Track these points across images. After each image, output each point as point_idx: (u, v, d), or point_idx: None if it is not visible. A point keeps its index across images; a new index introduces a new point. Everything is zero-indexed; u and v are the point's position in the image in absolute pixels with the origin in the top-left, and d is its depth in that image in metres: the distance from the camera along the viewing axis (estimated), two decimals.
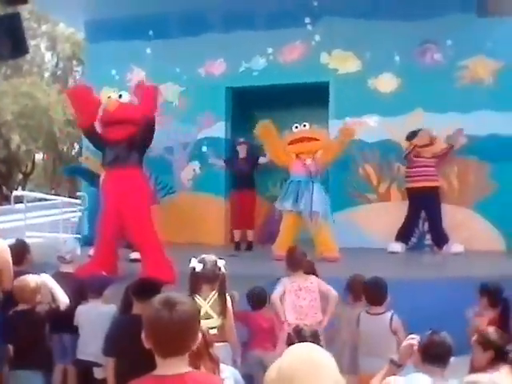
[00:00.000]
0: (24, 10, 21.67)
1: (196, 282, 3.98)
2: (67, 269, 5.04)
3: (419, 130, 9.08)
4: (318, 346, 2.08)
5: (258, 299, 4.80)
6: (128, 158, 6.70)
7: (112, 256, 6.71)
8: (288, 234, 8.03)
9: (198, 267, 3.97)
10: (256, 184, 9.86)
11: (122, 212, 6.57)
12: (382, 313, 4.35)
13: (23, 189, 29.81)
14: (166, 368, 2.04)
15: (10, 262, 4.01)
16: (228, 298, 4.04)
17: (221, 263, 4.02)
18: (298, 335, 3.36)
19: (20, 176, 31.97)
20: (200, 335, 2.96)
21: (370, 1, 9.77)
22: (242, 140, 9.79)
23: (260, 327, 4.71)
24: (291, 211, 7.98)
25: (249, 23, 10.35)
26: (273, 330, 4.70)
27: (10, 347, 4.14)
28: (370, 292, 4.43)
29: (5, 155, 29.27)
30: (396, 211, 9.26)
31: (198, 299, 3.90)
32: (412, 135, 9.13)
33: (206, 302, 3.92)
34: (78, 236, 10.80)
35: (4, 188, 30.26)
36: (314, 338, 3.29)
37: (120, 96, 6.84)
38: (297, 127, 8.42)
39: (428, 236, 9.30)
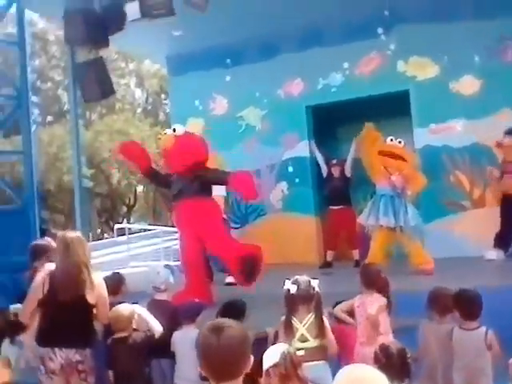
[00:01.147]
0: (111, 52, 22.88)
1: (292, 304, 4.00)
2: (162, 297, 5.24)
3: None
4: (372, 368, 2.06)
5: None
6: (191, 188, 6.80)
7: (202, 282, 6.89)
8: (379, 248, 7.96)
9: (293, 289, 3.99)
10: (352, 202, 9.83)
11: (200, 236, 6.78)
12: (477, 328, 4.18)
13: (128, 221, 31.10)
14: None
15: (106, 296, 4.23)
16: (325, 319, 4.05)
17: (315, 283, 4.03)
18: (385, 353, 3.32)
19: (124, 209, 33.35)
20: (288, 357, 3.04)
21: (440, 4, 9.52)
22: (334, 162, 9.78)
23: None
24: (381, 226, 7.91)
25: (322, 40, 10.43)
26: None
27: (111, 373, 4.38)
28: (464, 306, 4.24)
29: (107, 191, 30.70)
30: (492, 217, 8.85)
31: (295, 321, 3.94)
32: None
33: (302, 325, 3.95)
34: (177, 263, 11.20)
35: (110, 222, 31.69)
36: (402, 356, 3.24)
37: (174, 130, 7.02)
38: (392, 140, 8.31)
39: None
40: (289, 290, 3.99)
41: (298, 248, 10.17)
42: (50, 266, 4.17)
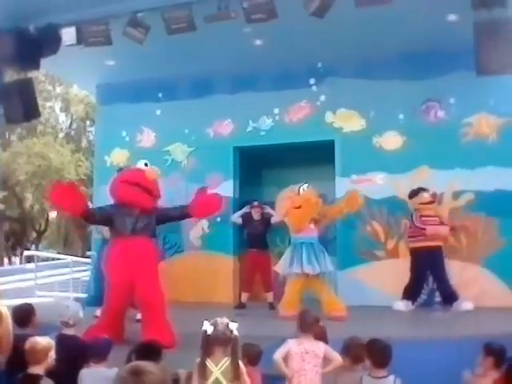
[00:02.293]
0: (39, 73, 22.36)
1: (208, 346, 3.89)
2: (70, 331, 5.05)
3: (419, 189, 9.15)
4: None
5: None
6: (145, 230, 6.72)
7: (119, 324, 6.62)
8: (294, 294, 8.05)
9: (210, 330, 3.92)
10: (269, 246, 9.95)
11: (133, 280, 6.51)
12: (385, 376, 4.29)
13: (37, 247, 30.02)
14: None
15: (11, 329, 4.02)
16: (241, 363, 3.99)
17: (233, 326, 3.96)
18: None
19: (34, 234, 32.19)
20: None
21: (372, 62, 9.95)
22: (256, 203, 9.90)
23: None
24: (298, 273, 8.01)
25: (255, 85, 10.62)
26: None
27: None
28: (375, 354, 4.36)
29: (18, 214, 29.60)
30: (404, 268, 9.16)
31: (210, 364, 3.86)
32: (413, 194, 9.20)
33: (217, 368, 3.88)
34: (85, 296, 10.84)
35: (18, 247, 30.47)
36: None
37: (146, 164, 7.06)
38: (300, 188, 8.57)
39: (437, 293, 9.22)
40: (206, 331, 3.91)
41: (214, 287, 10.15)
42: None
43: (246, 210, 9.99)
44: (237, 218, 10.05)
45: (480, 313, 8.14)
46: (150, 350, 4.24)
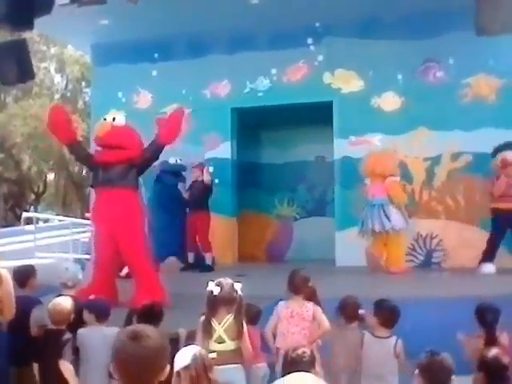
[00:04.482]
0: (33, 34, 22.04)
1: (213, 306, 3.96)
2: (69, 293, 5.07)
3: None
4: (312, 375, 2.08)
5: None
6: (122, 180, 6.60)
7: (111, 282, 6.66)
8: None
9: (216, 290, 3.97)
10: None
11: (116, 235, 6.51)
12: (388, 337, 4.34)
13: (35, 209, 30.03)
14: None
15: (12, 291, 4.04)
16: (244, 324, 4.03)
17: (238, 286, 4.03)
18: (294, 359, 3.33)
19: (32, 196, 32.20)
20: (200, 359, 3.02)
21: (371, 21, 9.83)
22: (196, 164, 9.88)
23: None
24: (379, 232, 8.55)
25: (253, 45, 10.50)
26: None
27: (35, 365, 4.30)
28: (383, 313, 4.38)
29: (16, 176, 29.54)
30: None
31: (214, 323, 3.93)
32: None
33: (220, 326, 3.94)
34: (87, 256, 10.93)
35: (16, 209, 30.51)
36: (310, 363, 3.27)
37: (113, 119, 6.78)
38: None
39: (435, 254, 9.30)
40: (212, 291, 3.97)
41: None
42: None
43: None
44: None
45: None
46: (151, 314, 4.29)
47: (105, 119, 6.89)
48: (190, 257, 9.69)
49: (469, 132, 9.32)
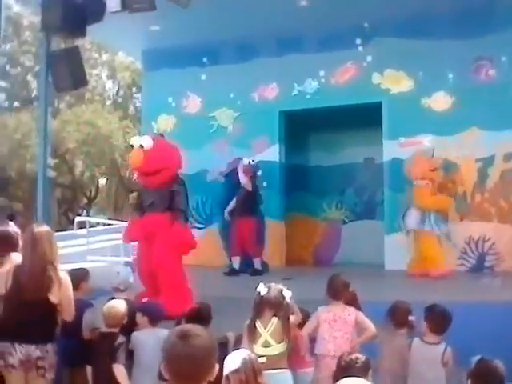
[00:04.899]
0: (85, 41, 22.57)
1: (259, 308, 3.98)
2: (122, 296, 5.15)
3: None
4: (364, 381, 2.05)
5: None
6: (159, 205, 6.55)
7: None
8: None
9: (263, 291, 3.98)
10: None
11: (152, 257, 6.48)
12: (438, 343, 4.22)
13: (87, 213, 30.69)
14: None
15: (71, 295, 4.13)
16: (289, 327, 4.00)
17: (287, 293, 3.99)
18: (348, 364, 3.29)
19: (84, 201, 32.92)
20: (249, 364, 3.02)
21: (420, 20, 9.65)
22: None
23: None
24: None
25: (300, 47, 10.49)
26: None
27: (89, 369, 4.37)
28: (434, 319, 4.27)
29: (69, 181, 30.26)
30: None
31: (259, 326, 3.93)
32: None
33: (266, 330, 3.93)
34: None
35: (69, 213, 31.24)
36: (365, 369, 3.23)
37: (142, 146, 6.50)
38: None
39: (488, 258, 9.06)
40: (259, 292, 3.98)
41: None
42: (16, 258, 4.06)
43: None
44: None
45: None
46: (198, 317, 4.32)
47: (132, 146, 6.74)
48: (235, 261, 9.63)
49: None
